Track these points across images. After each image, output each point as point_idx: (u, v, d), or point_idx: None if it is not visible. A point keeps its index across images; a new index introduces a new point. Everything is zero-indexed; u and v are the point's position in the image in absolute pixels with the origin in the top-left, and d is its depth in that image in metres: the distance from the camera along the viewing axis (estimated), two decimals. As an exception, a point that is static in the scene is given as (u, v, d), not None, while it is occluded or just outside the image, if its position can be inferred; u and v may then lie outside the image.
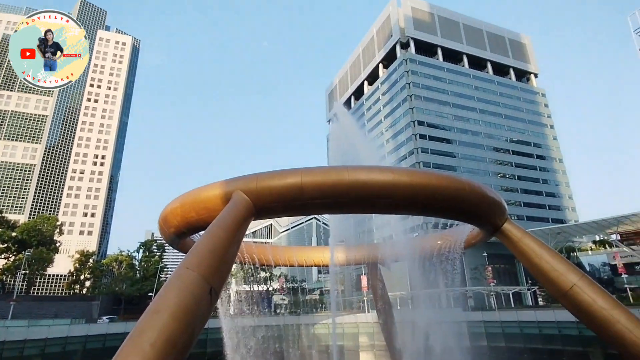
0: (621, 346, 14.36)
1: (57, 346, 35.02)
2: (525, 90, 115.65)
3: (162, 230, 16.27)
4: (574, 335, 32.09)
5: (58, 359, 34.66)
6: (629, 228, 62.90)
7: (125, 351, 8.20)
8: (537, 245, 15.97)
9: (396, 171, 13.63)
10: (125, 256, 77.65)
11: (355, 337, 45.79)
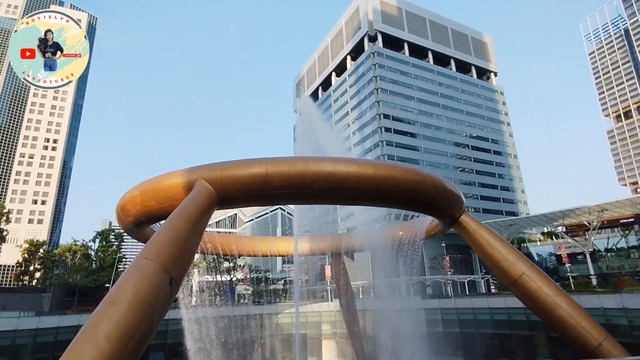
0: (562, 329, 15.61)
1: (6, 339, 33.03)
2: (486, 88, 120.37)
3: (120, 219, 15.68)
4: (522, 321, 34.34)
5: (6, 353, 32.77)
6: (573, 221, 67.63)
7: (79, 344, 7.93)
8: (490, 236, 16.91)
9: (361, 163, 13.87)
10: (80, 246, 73.89)
11: (318, 326, 46.51)
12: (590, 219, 62.35)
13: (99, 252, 74.69)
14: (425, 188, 14.37)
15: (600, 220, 61.90)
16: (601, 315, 27.86)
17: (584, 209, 60.59)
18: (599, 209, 59.67)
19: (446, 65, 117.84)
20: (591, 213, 61.06)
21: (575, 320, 15.07)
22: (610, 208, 60.71)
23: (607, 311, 28.72)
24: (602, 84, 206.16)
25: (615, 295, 29.28)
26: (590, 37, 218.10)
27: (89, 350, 7.67)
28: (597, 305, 28.89)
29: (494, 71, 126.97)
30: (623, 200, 59.82)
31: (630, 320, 27.53)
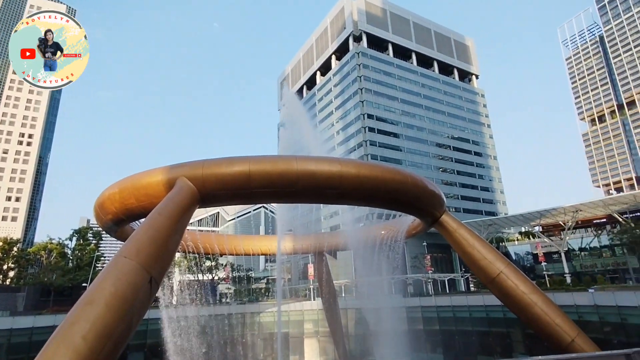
0: (537, 326, 16.10)
1: (-24, 341, 31.88)
2: (467, 90, 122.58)
3: (98, 217, 15.34)
4: (499, 318, 35.18)
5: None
6: (549, 221, 69.69)
7: (54, 344, 7.74)
8: (470, 235, 17.27)
9: (344, 163, 13.94)
10: (56, 244, 71.64)
11: (300, 324, 46.52)
12: (565, 219, 64.38)
13: (76, 251, 72.66)
14: (407, 188, 14.55)
15: (575, 220, 63.99)
16: (574, 312, 28.82)
17: (559, 210, 62.51)
18: (574, 209, 61.67)
19: (429, 67, 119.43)
20: (566, 213, 63.05)
21: (549, 318, 15.55)
22: (584, 209, 62.82)
23: (580, 308, 29.73)
24: (578, 88, 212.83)
25: (588, 293, 30.32)
26: (567, 42, 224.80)
27: (64, 351, 7.49)
28: (570, 303, 29.86)
29: (476, 74, 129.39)
30: (596, 202, 61.98)
31: (601, 316, 28.57)
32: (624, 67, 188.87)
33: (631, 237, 57.36)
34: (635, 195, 58.57)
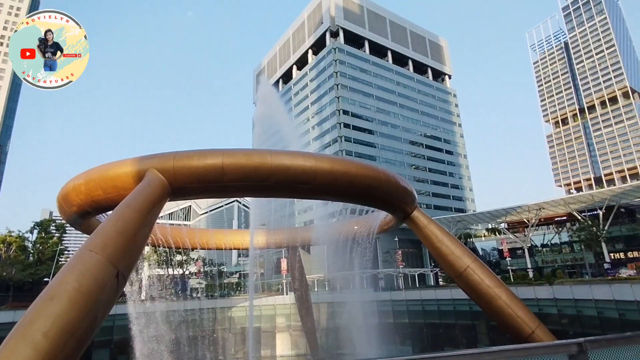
0: (500, 318, 16.80)
1: None
2: (440, 89, 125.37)
3: (61, 209, 14.71)
4: (465, 311, 36.50)
5: None
6: (514, 218, 72.69)
7: (13, 341, 7.41)
8: (439, 231, 17.75)
9: (318, 158, 13.99)
10: (16, 237, 68.05)
11: (272, 319, 46.49)
12: (529, 216, 67.32)
13: (37, 244, 69.30)
14: (380, 184, 14.77)
15: (538, 218, 67.06)
16: (535, 305, 30.28)
17: (524, 207, 65.29)
18: (537, 207, 64.58)
19: (404, 65, 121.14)
20: (530, 211, 65.94)
21: (512, 310, 16.27)
22: (546, 207, 65.93)
23: (541, 301, 31.28)
24: (544, 91, 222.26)
25: (548, 287, 31.92)
26: (535, 47, 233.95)
27: (23, 348, 7.18)
28: (532, 296, 31.35)
29: (449, 74, 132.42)
30: (558, 200, 65.15)
31: (559, 309, 30.18)
32: (586, 72, 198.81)
33: (588, 234, 60.73)
34: (593, 194, 62.00)
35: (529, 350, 3.65)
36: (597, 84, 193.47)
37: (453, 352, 3.26)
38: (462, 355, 3.26)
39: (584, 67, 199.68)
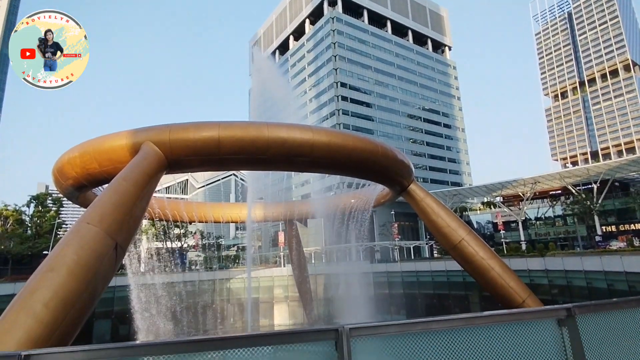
0: (493, 289, 17.23)
1: None
2: (440, 61, 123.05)
3: (57, 182, 14.61)
4: (459, 282, 37.39)
5: None
6: (509, 192, 73.24)
7: (14, 312, 7.50)
8: (436, 204, 17.88)
9: (316, 131, 13.83)
10: (12, 211, 68.13)
11: (270, 290, 47.48)
12: (524, 190, 67.85)
13: (34, 218, 69.48)
14: (378, 157, 14.71)
15: (533, 191, 67.59)
16: (527, 276, 31.00)
17: (519, 181, 65.70)
18: (533, 181, 64.99)
19: (404, 36, 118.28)
20: (526, 185, 66.40)
21: (504, 281, 16.68)
22: (542, 181, 66.33)
23: (532, 272, 32.01)
24: (545, 64, 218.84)
25: (540, 259, 32.58)
26: (537, 17, 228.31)
27: (24, 319, 7.28)
28: (524, 267, 32.05)
29: (449, 45, 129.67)
30: (553, 174, 65.50)
31: (550, 280, 30.94)
32: (588, 44, 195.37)
33: (581, 207, 61.49)
34: (589, 168, 62.28)
35: (518, 315, 3.73)
36: (599, 57, 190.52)
37: (446, 316, 3.32)
38: (455, 319, 3.33)
39: (586, 39, 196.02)
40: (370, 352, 2.95)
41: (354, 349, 2.81)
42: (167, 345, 2.62)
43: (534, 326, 3.42)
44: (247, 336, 2.84)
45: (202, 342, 2.89)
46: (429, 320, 3.19)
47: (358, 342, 2.89)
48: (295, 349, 2.81)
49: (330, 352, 2.84)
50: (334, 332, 2.84)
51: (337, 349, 2.82)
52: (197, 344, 2.83)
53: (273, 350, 2.81)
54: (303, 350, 2.87)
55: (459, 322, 3.20)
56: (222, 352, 2.73)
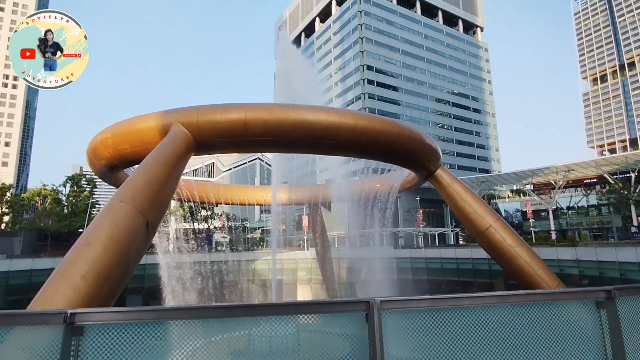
0: (520, 277, 16.82)
1: (-24, 282, 32.80)
2: (471, 43, 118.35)
3: (91, 162, 15.15)
4: (484, 270, 36.77)
5: (-23, 295, 32.65)
6: (540, 179, 70.71)
7: (54, 283, 7.93)
8: (463, 190, 17.47)
9: (342, 113, 13.70)
10: (50, 190, 71.81)
11: (294, 272, 48.33)
12: (557, 178, 65.28)
13: (70, 197, 73.00)
14: (404, 141, 14.42)
15: (566, 179, 64.94)
16: (556, 266, 30.11)
17: (552, 169, 63.21)
18: (566, 169, 62.37)
19: (433, 16, 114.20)
20: (558, 172, 63.84)
21: (532, 269, 16.23)
22: (576, 168, 63.55)
23: (562, 262, 31.04)
24: (584, 45, 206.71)
25: (571, 248, 31.53)
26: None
27: (64, 289, 7.69)
28: (553, 257, 31.12)
29: (481, 26, 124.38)
30: (589, 162, 62.58)
31: (581, 270, 29.94)
32: (627, 27, 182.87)
33: (618, 197, 58.68)
34: (627, 156, 59.07)
35: (555, 295, 3.61)
36: (638, 40, 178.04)
37: (478, 294, 3.26)
38: (487, 296, 3.26)
39: (625, 21, 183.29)
40: (400, 326, 2.93)
41: (384, 322, 2.81)
42: (200, 310, 2.70)
43: (570, 307, 3.31)
44: (280, 304, 2.89)
45: (234, 309, 2.96)
46: (460, 297, 3.14)
47: (388, 315, 2.88)
48: (326, 319, 2.84)
49: (361, 323, 2.85)
50: (364, 304, 2.84)
51: (368, 320, 2.83)
52: (229, 309, 2.90)
53: (304, 319, 2.85)
54: (334, 321, 2.89)
55: (492, 299, 3.14)
56: (254, 318, 2.79)
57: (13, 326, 2.66)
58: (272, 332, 2.99)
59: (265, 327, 2.95)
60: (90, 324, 2.66)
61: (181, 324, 2.68)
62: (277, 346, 2.98)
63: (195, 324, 2.73)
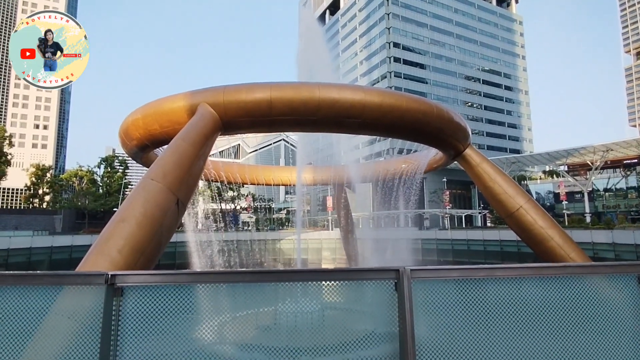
0: (551, 259, 16.30)
1: (21, 256, 35.08)
2: (504, 16, 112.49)
3: (123, 143, 15.63)
4: (513, 252, 35.96)
5: (23, 269, 34.95)
6: (576, 160, 67.60)
7: (93, 256, 8.36)
8: (492, 169, 16.93)
9: (367, 91, 13.43)
10: (86, 171, 75.16)
11: (319, 252, 49.01)
12: (594, 158, 62.20)
13: (104, 178, 76.21)
14: (432, 119, 14.03)
15: (604, 160, 61.80)
16: (590, 249, 29.08)
17: (589, 149, 60.24)
18: (605, 148, 59.30)
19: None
20: (596, 153, 60.78)
21: (564, 252, 15.67)
22: (615, 148, 60.31)
23: (597, 245, 29.94)
24: (627, 17, 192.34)
25: (607, 231, 30.28)
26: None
27: (102, 262, 8.10)
28: (587, 240, 30.04)
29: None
30: (630, 141, 59.16)
31: (617, 254, 28.80)
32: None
33: (662, 178, 55.50)
34: (674, 134, 55.36)
35: (594, 269, 3.47)
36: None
37: (512, 264, 3.18)
38: (522, 267, 3.19)
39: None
40: (431, 295, 2.91)
41: (414, 291, 2.80)
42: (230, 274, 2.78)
43: (609, 281, 3.18)
44: (308, 270, 2.93)
45: (262, 274, 3.02)
46: (493, 267, 3.07)
47: (419, 285, 2.86)
48: (355, 292, 2.85)
49: (390, 292, 2.85)
50: (394, 272, 2.83)
51: (397, 289, 2.82)
52: (256, 274, 2.97)
53: (330, 294, 2.87)
54: (363, 289, 2.90)
55: (527, 270, 3.05)
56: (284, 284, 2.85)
57: (60, 285, 2.84)
58: (298, 308, 3.04)
59: (291, 304, 3.02)
60: (129, 285, 2.82)
61: (212, 288, 2.79)
62: (303, 322, 3.04)
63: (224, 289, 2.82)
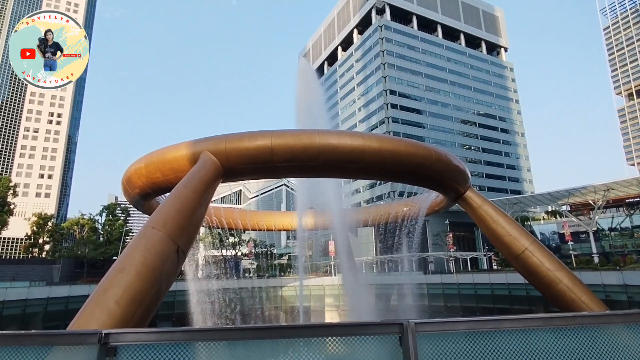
0: (562, 303, 15.77)
1: (17, 308, 34.04)
2: (495, 64, 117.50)
3: (125, 191, 15.77)
4: (522, 296, 34.79)
5: (18, 321, 33.76)
6: (578, 200, 67.39)
7: (90, 308, 8.13)
8: (495, 211, 16.87)
9: (366, 137, 13.78)
10: (87, 220, 75.00)
11: (322, 299, 47.53)
12: (595, 198, 62.07)
13: (105, 226, 75.81)
14: (431, 162, 14.23)
15: (606, 199, 61.64)
16: (602, 292, 28.12)
17: (589, 188, 60.27)
18: (605, 188, 59.34)
19: (455, 39, 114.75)
20: (597, 192, 60.74)
21: (575, 295, 15.19)
22: (616, 187, 60.36)
23: (608, 287, 28.99)
24: (616, 60, 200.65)
25: (617, 272, 29.48)
26: (606, 11, 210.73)
27: (99, 314, 7.88)
28: (597, 282, 29.13)
29: (505, 46, 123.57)
30: (630, 180, 59.32)
31: (630, 296, 27.81)
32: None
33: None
34: (673, 173, 55.66)
35: (606, 318, 3.32)
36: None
37: (521, 315, 3.05)
38: (531, 318, 3.06)
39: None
40: (437, 350, 2.78)
41: (419, 346, 2.67)
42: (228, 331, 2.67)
43: (623, 331, 3.04)
44: (309, 326, 2.82)
45: (261, 330, 2.92)
46: (501, 319, 2.96)
47: (424, 339, 2.74)
48: (357, 346, 2.73)
49: (394, 347, 2.73)
50: (398, 326, 2.72)
51: (402, 344, 2.70)
52: (256, 331, 2.86)
53: (333, 347, 2.75)
54: (366, 344, 2.78)
55: (536, 322, 2.92)
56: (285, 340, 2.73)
57: (51, 346, 2.74)
58: None
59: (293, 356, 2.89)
60: (123, 344, 2.71)
61: (209, 346, 2.67)
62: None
63: (222, 347, 2.70)
